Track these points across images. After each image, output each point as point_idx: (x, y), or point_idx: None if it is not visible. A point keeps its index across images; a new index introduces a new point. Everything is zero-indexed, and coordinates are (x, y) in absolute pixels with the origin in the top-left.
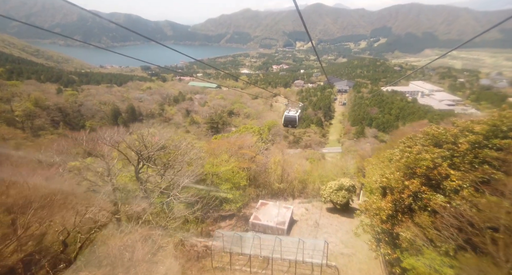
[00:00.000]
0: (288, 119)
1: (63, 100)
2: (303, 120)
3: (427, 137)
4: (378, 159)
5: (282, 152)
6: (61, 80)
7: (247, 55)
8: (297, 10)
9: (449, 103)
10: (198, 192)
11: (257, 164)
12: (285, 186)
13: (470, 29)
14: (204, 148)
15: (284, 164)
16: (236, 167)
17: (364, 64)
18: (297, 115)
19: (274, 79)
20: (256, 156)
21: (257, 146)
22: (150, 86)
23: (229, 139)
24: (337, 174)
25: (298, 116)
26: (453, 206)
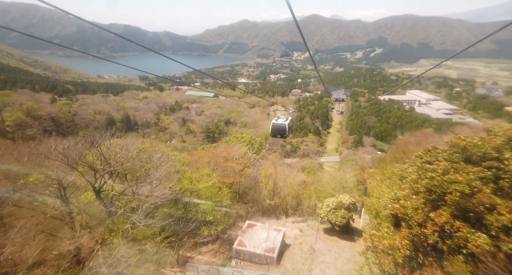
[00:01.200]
0: (276, 128)
1: (57, 109)
2: (300, 129)
3: (453, 150)
4: (383, 174)
5: (274, 164)
6: (56, 89)
7: (245, 65)
8: (295, 20)
9: (446, 112)
10: (175, 212)
11: (246, 178)
12: (277, 202)
13: (464, 40)
14: (185, 160)
15: (277, 177)
16: (220, 183)
17: (361, 73)
18: (286, 124)
19: (272, 88)
20: (245, 169)
21: (247, 158)
22: (147, 96)
23: (214, 151)
24: (335, 188)
25: (288, 124)
26: (503, 251)
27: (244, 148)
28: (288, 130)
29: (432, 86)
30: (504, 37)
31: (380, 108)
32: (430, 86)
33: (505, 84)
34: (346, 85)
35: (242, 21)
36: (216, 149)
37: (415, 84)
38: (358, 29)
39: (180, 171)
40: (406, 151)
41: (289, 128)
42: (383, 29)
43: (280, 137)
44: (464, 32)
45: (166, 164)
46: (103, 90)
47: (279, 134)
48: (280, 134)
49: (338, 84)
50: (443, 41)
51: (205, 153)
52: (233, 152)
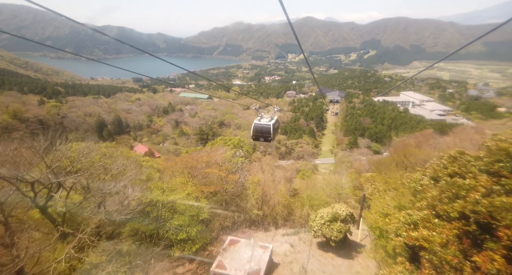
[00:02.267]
0: (259, 130)
1: (45, 112)
2: (295, 131)
3: (494, 158)
4: (386, 183)
5: (263, 169)
6: (46, 91)
7: (239, 67)
8: (289, 23)
9: (440, 113)
10: (145, 228)
11: (232, 185)
12: (266, 212)
13: (455, 42)
14: (160, 166)
15: (266, 184)
16: (199, 192)
17: (355, 75)
18: (271, 124)
19: (266, 90)
20: (229, 176)
21: (233, 162)
22: (140, 97)
23: (196, 155)
24: (330, 194)
25: (274, 125)
26: None
27: (230, 152)
28: (274, 132)
29: (426, 88)
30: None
31: (375, 109)
32: (424, 88)
33: (496, 85)
34: (340, 86)
35: (236, 23)
36: (200, 153)
37: (408, 85)
38: (351, 31)
39: (152, 179)
40: (407, 154)
41: (274, 130)
42: (376, 31)
43: (263, 141)
44: (456, 35)
45: (132, 171)
46: (94, 92)
47: (263, 137)
48: (263, 137)
49: (332, 86)
50: (435, 44)
51: (184, 158)
52: (216, 157)
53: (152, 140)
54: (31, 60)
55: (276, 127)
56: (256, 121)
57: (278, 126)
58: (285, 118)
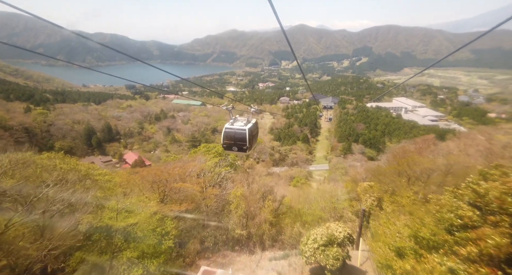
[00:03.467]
0: (231, 136)
1: (31, 119)
2: (288, 137)
3: None
4: (394, 202)
5: (248, 181)
6: (33, 98)
7: (233, 74)
8: (282, 30)
9: (432, 118)
10: (97, 258)
11: (211, 200)
12: (251, 232)
13: (444, 49)
14: (122, 180)
15: (251, 198)
16: (168, 211)
17: (347, 81)
18: (247, 129)
19: (260, 96)
20: (208, 190)
21: (216, 173)
22: (131, 104)
23: (166, 166)
24: (325, 207)
25: (250, 130)
26: None
27: (213, 160)
28: (251, 140)
29: (417, 94)
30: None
31: (368, 115)
32: (415, 94)
33: (485, 91)
34: (333, 92)
35: (230, 31)
36: (177, 162)
37: (400, 91)
38: (344, 38)
39: (111, 197)
40: (410, 162)
41: (251, 136)
42: (368, 38)
43: (238, 150)
44: (444, 42)
45: (82, 188)
46: (84, 99)
47: (236, 145)
48: (237, 146)
49: (326, 92)
50: (425, 51)
51: (152, 171)
52: (192, 167)
53: (143, 148)
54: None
55: (253, 133)
56: (227, 126)
57: (257, 131)
58: (278, 124)
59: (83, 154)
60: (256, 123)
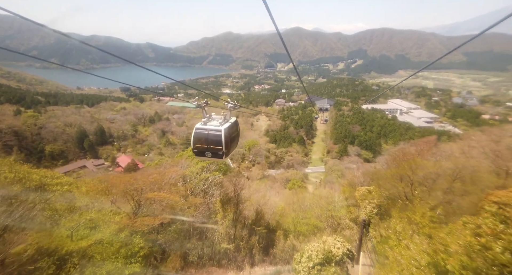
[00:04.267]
0: (203, 138)
1: (21, 122)
2: (284, 139)
3: None
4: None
5: (236, 187)
6: (24, 101)
7: (229, 76)
8: (278, 33)
9: (427, 120)
10: None
11: (193, 210)
12: (238, 245)
13: (438, 52)
14: (89, 189)
15: (240, 207)
16: (141, 226)
17: (343, 83)
18: (223, 129)
19: (256, 98)
20: (189, 199)
21: (201, 179)
22: (125, 107)
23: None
24: (321, 216)
25: (227, 131)
26: None
27: (199, 165)
28: (228, 143)
29: (412, 96)
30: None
31: (364, 117)
32: (410, 96)
33: (478, 93)
34: (329, 95)
35: (226, 34)
36: (160, 168)
37: (395, 93)
38: (339, 41)
39: (61, 213)
40: (413, 166)
41: (229, 139)
42: (363, 41)
43: (212, 156)
44: (438, 45)
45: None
46: (77, 102)
47: (209, 150)
48: (211, 151)
49: (321, 94)
50: (419, 53)
51: (124, 179)
52: (171, 173)
53: (137, 151)
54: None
55: (232, 134)
56: (199, 126)
57: (237, 133)
58: (274, 127)
59: (75, 158)
60: (236, 123)
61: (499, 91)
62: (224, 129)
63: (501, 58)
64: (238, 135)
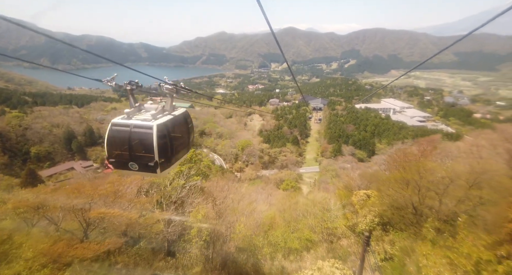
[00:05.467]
0: (122, 140)
1: (5, 123)
2: (278, 139)
3: None
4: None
5: (214, 198)
6: (10, 101)
7: (223, 76)
8: (272, 33)
9: (420, 119)
10: None
11: (158, 227)
12: (216, 267)
13: (429, 52)
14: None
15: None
16: (86, 253)
17: (336, 83)
18: (154, 126)
19: (249, 98)
20: (154, 214)
21: (174, 187)
22: (116, 107)
23: (91, 183)
24: (315, 227)
25: (163, 127)
26: None
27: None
28: (166, 147)
29: (405, 95)
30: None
31: (358, 116)
32: (403, 95)
33: (469, 93)
34: (323, 94)
35: (219, 33)
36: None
37: (388, 93)
38: (332, 41)
39: None
40: (420, 169)
41: (168, 142)
42: (356, 41)
43: (140, 170)
44: (429, 45)
45: None
46: (66, 102)
47: (132, 158)
48: (137, 160)
49: (315, 94)
50: (411, 53)
51: (67, 190)
52: (130, 183)
53: None
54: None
55: (174, 134)
56: (117, 120)
57: (187, 132)
58: (268, 126)
59: (62, 159)
60: (184, 117)
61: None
62: (158, 125)
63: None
64: (190, 136)
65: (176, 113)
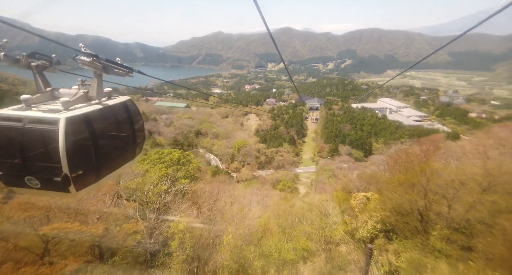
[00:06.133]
0: (14, 144)
1: None
2: (274, 139)
3: None
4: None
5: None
6: (1, 102)
7: (219, 76)
8: (269, 33)
9: (416, 118)
10: None
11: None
12: None
13: (424, 52)
14: None
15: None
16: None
17: (333, 83)
18: (62, 120)
19: (246, 98)
20: (124, 227)
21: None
22: None
23: None
24: (312, 235)
25: (75, 123)
26: None
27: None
28: (84, 154)
29: (401, 95)
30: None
31: (354, 116)
32: (399, 95)
33: (464, 92)
34: (319, 94)
35: (216, 33)
36: None
37: (384, 92)
38: (328, 41)
39: None
40: (427, 171)
41: (84, 144)
42: (352, 41)
43: (38, 188)
44: (425, 45)
45: None
46: None
47: (28, 168)
48: (32, 171)
49: (311, 93)
50: (406, 53)
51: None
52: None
53: None
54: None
55: (90, 133)
56: (3, 112)
57: (136, 124)
58: (264, 126)
59: None
60: (125, 106)
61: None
62: (69, 118)
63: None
64: (135, 136)
65: (110, 102)
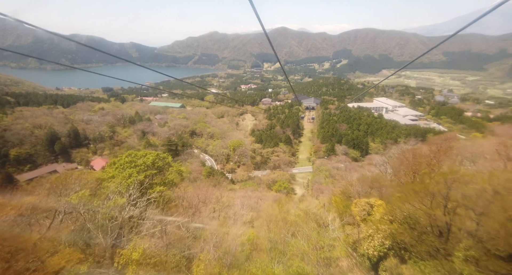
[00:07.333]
0: None
1: None
2: (270, 139)
3: None
4: None
5: (165, 225)
6: None
7: (215, 76)
8: (265, 33)
9: (412, 118)
10: None
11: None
12: None
13: (419, 52)
14: None
15: (169, 257)
16: None
17: (329, 82)
18: None
19: (242, 98)
20: (56, 258)
21: (110, 206)
22: (103, 107)
23: None
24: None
25: None
26: None
27: (125, 181)
28: None
29: (396, 94)
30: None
31: (350, 115)
32: (395, 94)
33: (458, 92)
34: (315, 93)
35: (212, 33)
36: None
37: (380, 92)
38: (324, 41)
39: None
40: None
41: None
42: (347, 41)
43: None
44: (419, 45)
45: None
46: (51, 102)
47: None
48: None
49: (308, 93)
50: (401, 53)
51: None
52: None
53: (114, 153)
54: None
55: None
56: None
57: None
58: (260, 126)
59: (45, 162)
60: None
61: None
62: None
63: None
64: None
65: None
